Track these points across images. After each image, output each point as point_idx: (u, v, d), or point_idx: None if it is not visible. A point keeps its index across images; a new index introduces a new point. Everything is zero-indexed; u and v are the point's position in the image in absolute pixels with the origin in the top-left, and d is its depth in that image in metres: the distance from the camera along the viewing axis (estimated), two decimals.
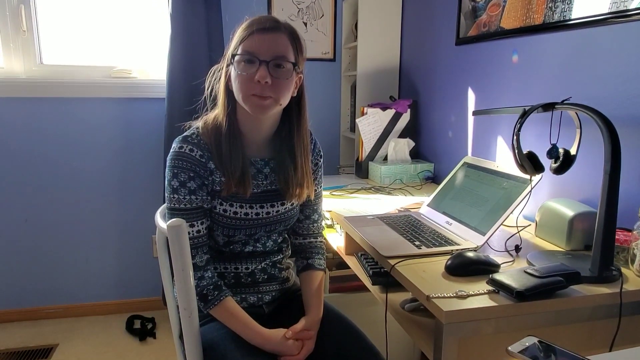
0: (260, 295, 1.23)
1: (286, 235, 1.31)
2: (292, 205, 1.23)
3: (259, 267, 1.23)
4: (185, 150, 1.12)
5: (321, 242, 1.34)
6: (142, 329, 2.34)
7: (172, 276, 1.19)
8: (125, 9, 2.36)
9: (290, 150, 1.19)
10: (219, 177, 1.14)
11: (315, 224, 1.32)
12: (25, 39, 2.24)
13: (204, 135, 1.14)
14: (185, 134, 1.15)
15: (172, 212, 1.12)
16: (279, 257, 1.27)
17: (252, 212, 1.17)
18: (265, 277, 1.24)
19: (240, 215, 1.16)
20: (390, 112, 2.20)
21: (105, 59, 2.37)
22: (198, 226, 1.13)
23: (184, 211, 1.12)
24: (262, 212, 1.18)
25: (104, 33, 2.36)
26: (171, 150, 1.13)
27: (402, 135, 2.23)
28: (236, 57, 1.09)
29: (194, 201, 1.12)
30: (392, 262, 1.14)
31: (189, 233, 1.10)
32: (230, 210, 1.15)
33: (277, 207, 1.21)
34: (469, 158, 1.51)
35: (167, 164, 1.13)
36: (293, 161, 1.19)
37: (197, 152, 1.12)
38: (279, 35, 1.08)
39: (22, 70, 2.26)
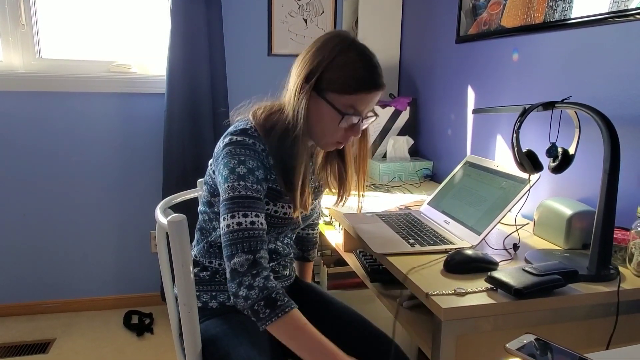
0: None
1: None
2: (313, 205, 1.24)
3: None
4: (248, 141, 1.05)
5: (316, 234, 1.47)
6: (140, 324, 2.35)
7: (172, 272, 1.19)
8: (125, 4, 2.35)
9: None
10: (274, 176, 1.10)
11: (316, 214, 1.38)
12: (24, 33, 2.22)
13: (261, 129, 1.08)
14: (241, 126, 1.09)
15: (236, 201, 1.00)
16: (286, 258, 1.27)
17: (289, 212, 1.14)
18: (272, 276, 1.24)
19: (280, 214, 1.14)
20: (390, 110, 2.20)
21: (104, 53, 2.36)
22: (261, 218, 1.02)
23: (250, 199, 1.01)
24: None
25: (103, 27, 2.35)
26: (228, 141, 1.06)
27: (402, 133, 2.23)
28: (338, 107, 1.04)
29: (260, 190, 1.04)
30: (399, 265, 1.14)
31: (253, 223, 1.00)
32: (271, 209, 1.13)
33: None
34: (472, 157, 1.51)
35: (227, 152, 1.04)
36: (329, 159, 1.22)
37: (259, 145, 1.06)
38: (382, 90, 1.09)
39: (21, 64, 2.25)
